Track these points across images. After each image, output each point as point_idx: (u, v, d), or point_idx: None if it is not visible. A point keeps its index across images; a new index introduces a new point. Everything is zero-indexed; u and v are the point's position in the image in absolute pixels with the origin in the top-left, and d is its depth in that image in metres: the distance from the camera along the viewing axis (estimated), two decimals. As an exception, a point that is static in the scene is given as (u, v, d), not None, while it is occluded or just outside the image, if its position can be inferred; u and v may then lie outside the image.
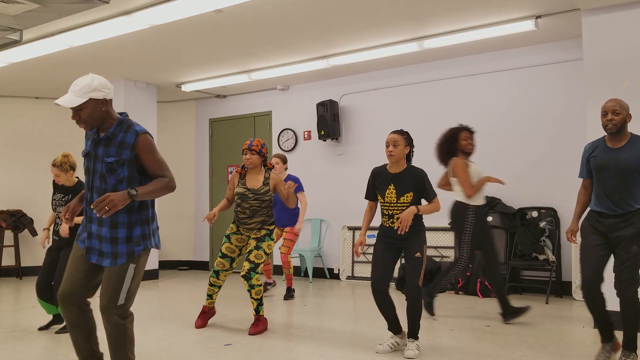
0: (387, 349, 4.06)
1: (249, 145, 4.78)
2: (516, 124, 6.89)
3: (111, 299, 2.80)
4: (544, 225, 6.40)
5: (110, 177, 2.81)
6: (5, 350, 4.26)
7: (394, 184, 4.01)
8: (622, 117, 3.56)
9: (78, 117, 2.81)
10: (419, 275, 3.92)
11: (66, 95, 2.81)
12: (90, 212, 2.90)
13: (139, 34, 6.03)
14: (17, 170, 9.07)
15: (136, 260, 2.87)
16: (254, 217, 4.76)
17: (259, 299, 4.69)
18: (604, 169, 3.62)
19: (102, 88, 2.84)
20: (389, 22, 5.94)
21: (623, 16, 4.77)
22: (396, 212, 3.99)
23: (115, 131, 2.85)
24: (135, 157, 2.84)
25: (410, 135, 4.11)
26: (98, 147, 2.87)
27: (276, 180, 4.78)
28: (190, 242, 9.89)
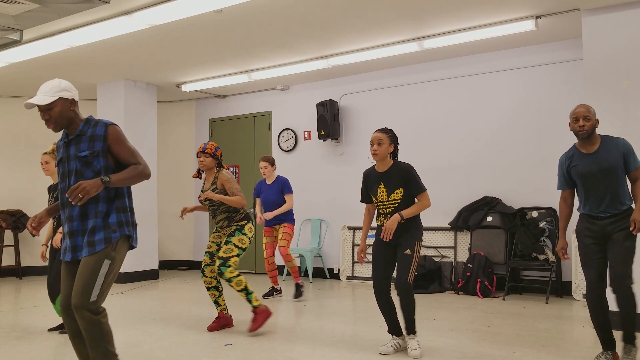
0: (390, 350, 4.05)
1: (202, 148, 4.80)
2: (516, 124, 6.89)
3: (83, 296, 2.78)
4: (544, 225, 6.40)
5: (86, 171, 2.88)
6: (5, 350, 4.26)
7: (383, 182, 4.05)
8: (592, 122, 3.65)
9: (48, 116, 2.90)
10: (408, 271, 3.93)
11: (36, 96, 2.90)
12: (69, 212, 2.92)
13: (139, 34, 6.03)
14: (17, 170, 9.07)
15: (111, 256, 2.86)
16: (216, 216, 4.83)
17: (244, 289, 4.64)
18: (589, 175, 3.67)
19: (70, 89, 2.96)
20: (389, 22, 5.94)
21: (623, 16, 4.78)
22: (389, 210, 4.02)
23: (84, 129, 2.95)
24: (108, 148, 2.92)
25: (394, 133, 4.12)
26: (70, 148, 2.95)
27: (223, 178, 4.76)
28: (190, 242, 9.89)
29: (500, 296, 6.40)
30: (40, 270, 8.95)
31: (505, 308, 5.78)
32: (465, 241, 7.10)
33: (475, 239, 6.85)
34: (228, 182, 4.75)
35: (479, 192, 7.06)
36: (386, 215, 4.05)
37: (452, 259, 7.13)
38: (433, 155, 7.39)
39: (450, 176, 7.31)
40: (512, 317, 5.31)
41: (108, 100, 8.40)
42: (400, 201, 4.00)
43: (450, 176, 7.31)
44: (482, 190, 7.05)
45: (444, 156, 7.36)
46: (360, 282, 7.81)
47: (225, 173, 4.80)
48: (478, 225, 6.84)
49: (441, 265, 7.06)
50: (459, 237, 7.18)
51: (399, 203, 4.00)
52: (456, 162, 7.28)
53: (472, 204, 7.03)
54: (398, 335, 4.14)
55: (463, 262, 6.85)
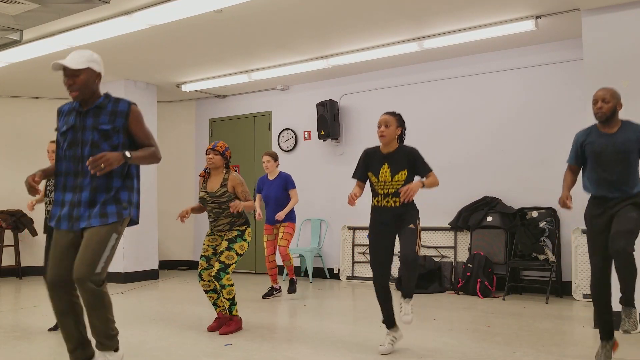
0: (389, 347, 4.04)
1: (212, 145, 4.76)
2: (516, 124, 6.89)
3: (90, 267, 2.77)
4: (544, 225, 6.40)
5: (103, 144, 2.90)
6: (5, 350, 4.26)
7: (388, 162, 4.02)
8: (612, 105, 3.62)
9: (73, 81, 2.91)
10: (415, 243, 3.86)
11: (67, 58, 2.92)
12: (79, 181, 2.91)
13: (139, 34, 6.03)
14: (17, 170, 9.06)
15: (119, 231, 2.91)
16: (218, 219, 4.77)
17: (231, 298, 4.67)
18: (602, 154, 3.65)
19: (100, 63, 3.02)
20: (389, 22, 5.94)
21: (623, 16, 4.77)
22: (391, 191, 3.97)
23: (104, 102, 2.98)
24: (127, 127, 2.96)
25: (402, 117, 4.11)
26: (86, 119, 2.95)
27: (234, 181, 4.70)
28: (190, 242, 9.89)
29: (500, 296, 6.40)
30: (40, 270, 8.91)
31: (505, 308, 5.78)
32: (465, 241, 7.10)
33: (475, 239, 6.85)
34: (241, 186, 4.70)
35: (479, 192, 7.06)
36: (386, 195, 3.99)
37: (452, 259, 7.13)
38: (433, 155, 7.33)
39: (450, 176, 7.30)
40: (512, 317, 5.31)
41: (108, 100, 8.39)
42: (403, 183, 3.95)
43: (450, 176, 7.30)
44: (482, 190, 7.05)
45: (444, 156, 7.35)
46: (360, 282, 7.80)
47: (237, 176, 4.75)
48: (478, 225, 6.84)
49: (441, 265, 7.06)
50: (459, 237, 7.18)
51: (402, 185, 3.95)
52: (456, 162, 7.28)
53: (472, 204, 7.03)
54: (391, 327, 4.11)
55: (463, 262, 6.85)
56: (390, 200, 3.98)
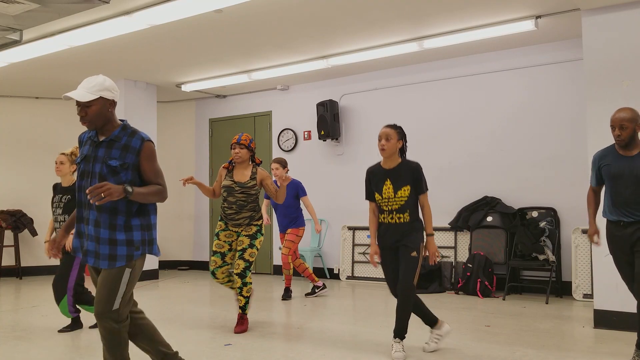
0: (433, 345, 4.08)
1: (237, 139, 4.76)
2: (516, 124, 6.89)
3: (107, 304, 2.78)
4: (544, 225, 6.40)
5: (111, 179, 2.80)
6: (5, 350, 4.26)
7: (390, 179, 3.98)
8: (631, 129, 3.58)
9: (85, 113, 2.82)
10: (414, 274, 3.87)
11: (77, 90, 2.83)
12: (86, 213, 2.86)
13: (139, 34, 6.03)
14: (17, 170, 9.07)
15: (132, 264, 2.84)
16: (240, 212, 4.71)
17: (248, 297, 4.75)
18: (620, 177, 3.63)
19: (113, 89, 2.89)
20: (389, 22, 5.94)
21: (623, 16, 4.77)
22: (395, 207, 3.94)
23: (120, 134, 2.87)
24: (138, 164, 2.87)
25: (403, 130, 4.06)
26: (99, 149, 2.86)
27: (263, 175, 4.75)
28: (190, 242, 9.89)
29: (500, 296, 6.40)
30: (40, 270, 8.96)
31: (505, 308, 5.78)
32: (465, 241, 7.10)
33: (475, 239, 6.85)
34: (269, 179, 4.77)
35: (479, 192, 7.06)
36: (390, 212, 3.96)
37: (452, 259, 7.13)
38: (433, 155, 7.39)
39: (450, 176, 7.31)
40: (512, 317, 5.31)
41: (108, 100, 8.39)
42: (407, 199, 3.92)
43: (450, 176, 7.31)
44: (482, 190, 7.05)
45: (444, 156, 7.36)
46: (360, 282, 7.80)
47: (264, 170, 4.80)
48: (478, 225, 6.84)
49: (441, 265, 7.06)
50: (459, 237, 7.18)
51: (406, 200, 3.92)
52: (456, 162, 7.28)
53: (472, 204, 7.03)
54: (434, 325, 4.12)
55: (463, 262, 6.85)
56: (394, 217, 3.95)
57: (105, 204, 2.79)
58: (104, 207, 2.80)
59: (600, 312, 4.75)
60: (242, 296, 4.73)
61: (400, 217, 3.94)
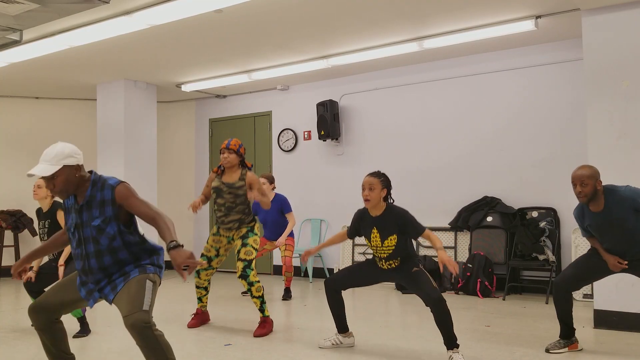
0: (328, 344, 4.17)
1: (227, 144, 4.76)
2: (516, 124, 6.89)
3: (134, 305, 2.68)
4: (544, 225, 6.40)
5: (101, 237, 2.82)
6: (5, 350, 4.26)
7: (377, 227, 3.93)
8: (591, 186, 3.70)
9: (52, 185, 2.79)
10: (431, 283, 3.77)
11: (38, 165, 2.78)
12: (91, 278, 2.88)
13: (139, 34, 6.02)
14: (17, 170, 9.06)
15: (152, 278, 2.83)
16: (229, 214, 4.72)
17: (260, 296, 4.63)
18: (605, 233, 3.81)
19: (74, 154, 2.83)
20: (389, 22, 5.94)
21: (623, 16, 4.77)
22: (384, 256, 3.94)
23: (93, 192, 2.85)
24: (119, 208, 2.85)
25: (387, 177, 3.97)
26: (82, 214, 2.87)
27: (252, 179, 4.73)
28: (190, 242, 9.88)
29: (500, 296, 6.40)
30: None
31: (505, 308, 5.78)
32: (465, 241, 7.10)
33: (475, 239, 6.85)
34: (259, 183, 4.76)
35: (479, 192, 7.06)
36: (380, 259, 4.00)
37: (452, 259, 7.12)
38: (433, 155, 7.39)
39: (450, 176, 7.31)
40: (512, 317, 5.31)
41: (108, 100, 8.40)
42: (394, 247, 3.89)
43: (450, 176, 7.31)
44: (482, 190, 7.05)
45: (444, 156, 7.36)
46: (360, 282, 7.80)
47: (253, 175, 4.79)
48: (478, 225, 6.84)
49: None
50: (459, 237, 7.18)
51: (394, 249, 3.89)
52: (456, 162, 7.28)
53: (472, 204, 7.03)
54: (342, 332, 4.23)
55: (463, 262, 6.85)
56: (384, 264, 4.00)
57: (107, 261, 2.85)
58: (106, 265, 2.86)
59: (600, 312, 4.75)
60: (255, 298, 4.65)
61: (392, 263, 3.97)
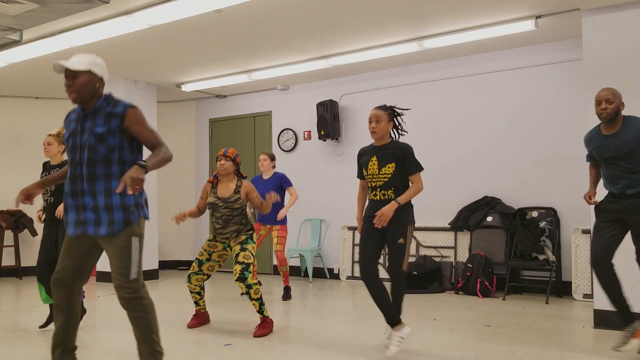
0: (395, 349, 3.88)
1: (224, 152, 4.79)
2: (516, 124, 6.89)
3: (124, 275, 2.81)
4: (544, 225, 6.40)
5: (100, 146, 2.86)
6: (5, 350, 4.26)
7: (377, 155, 3.98)
8: (616, 105, 3.72)
9: (71, 82, 2.88)
10: (402, 261, 3.88)
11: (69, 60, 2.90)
12: (79, 186, 2.89)
13: (139, 34, 6.03)
14: (17, 170, 9.06)
15: (137, 232, 2.89)
16: (227, 226, 4.76)
17: (259, 298, 4.62)
18: (607, 156, 3.76)
19: (102, 67, 2.97)
20: (389, 22, 5.94)
21: (623, 16, 4.77)
22: (379, 184, 3.94)
23: (102, 105, 2.94)
24: (126, 129, 2.91)
25: (394, 110, 4.04)
26: (85, 122, 2.92)
27: (248, 188, 4.75)
28: (190, 242, 9.89)
29: (500, 296, 6.40)
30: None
31: (505, 308, 5.78)
32: (465, 241, 7.10)
33: (475, 239, 6.85)
34: (254, 192, 4.78)
35: (479, 192, 7.06)
36: (374, 188, 3.97)
37: (452, 259, 7.13)
38: (433, 155, 7.39)
39: (450, 176, 7.31)
40: (512, 317, 5.31)
41: (108, 100, 8.40)
42: (390, 176, 3.90)
43: (450, 176, 7.31)
44: (482, 190, 7.05)
45: (444, 156, 7.36)
46: (360, 282, 7.80)
47: (249, 183, 4.81)
48: (478, 225, 6.84)
49: (441, 265, 7.06)
50: (459, 237, 7.18)
51: (390, 178, 3.91)
52: (456, 162, 7.28)
53: (472, 204, 7.03)
54: (395, 325, 3.97)
55: (463, 262, 6.85)
56: (378, 194, 3.96)
57: (98, 170, 2.85)
58: (97, 174, 2.86)
59: (600, 312, 4.75)
60: (253, 300, 4.64)
61: (385, 193, 3.93)
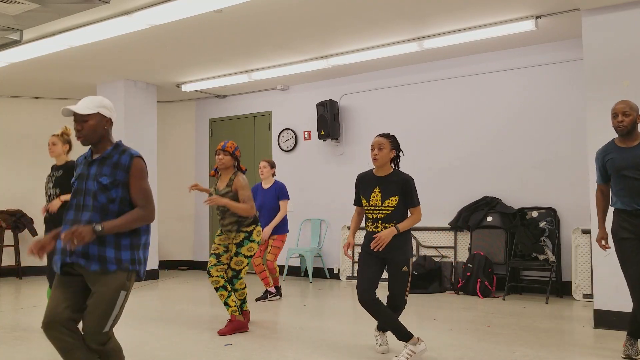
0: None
1: (222, 146, 4.77)
2: (516, 124, 6.89)
3: (98, 326, 2.75)
4: (544, 225, 6.40)
5: (101, 195, 2.81)
6: (5, 350, 4.26)
7: (380, 187, 3.93)
8: (632, 118, 3.66)
9: (81, 127, 2.87)
10: (405, 289, 3.94)
11: (77, 103, 2.89)
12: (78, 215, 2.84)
13: (139, 34, 6.02)
14: (17, 170, 9.07)
15: (126, 286, 2.82)
16: (225, 217, 4.78)
17: (242, 299, 4.90)
18: (625, 169, 3.68)
19: (110, 109, 2.95)
20: (389, 22, 5.94)
21: (623, 16, 4.77)
22: (380, 216, 3.89)
23: (112, 153, 2.90)
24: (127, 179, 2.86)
25: (396, 139, 4.00)
26: (91, 167, 2.89)
27: (237, 185, 4.71)
28: (190, 242, 9.89)
29: (500, 296, 6.40)
30: (40, 270, 8.93)
31: (505, 308, 5.78)
32: (465, 241, 7.10)
33: (475, 239, 6.85)
34: (242, 189, 4.70)
35: (479, 192, 7.06)
36: (375, 220, 3.92)
37: (452, 259, 7.13)
38: (433, 155, 7.39)
39: (450, 176, 7.31)
40: (512, 317, 5.31)
41: (108, 100, 8.40)
42: (393, 209, 3.87)
43: (450, 176, 7.31)
44: (482, 190, 7.05)
45: (444, 156, 7.36)
46: (360, 282, 7.80)
47: (242, 179, 4.74)
48: (478, 225, 6.84)
49: (441, 265, 7.06)
50: (459, 237, 7.18)
51: (392, 211, 3.87)
52: (456, 162, 7.28)
53: (472, 204, 7.03)
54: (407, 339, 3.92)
55: (463, 262, 6.85)
56: (379, 226, 3.90)
57: (97, 204, 2.79)
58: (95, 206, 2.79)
59: (600, 312, 4.75)
60: (237, 299, 4.87)
61: (386, 226, 3.87)
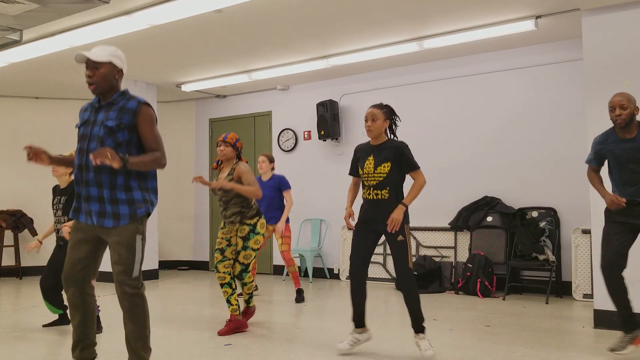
0: (347, 347, 4.00)
1: (223, 137, 4.75)
2: (516, 124, 6.89)
3: (127, 274, 2.89)
4: (544, 225, 6.40)
5: (108, 139, 2.91)
6: (5, 350, 4.26)
7: (373, 154, 3.97)
8: (630, 110, 3.68)
9: (92, 73, 2.96)
10: (407, 258, 3.85)
11: (91, 50, 3.00)
12: (85, 176, 2.94)
13: (139, 34, 6.03)
14: (17, 170, 9.07)
15: (141, 230, 2.95)
16: (227, 208, 4.73)
17: (250, 293, 4.97)
18: (624, 159, 3.71)
19: (122, 60, 3.08)
20: (389, 22, 5.94)
21: (623, 16, 4.77)
22: (373, 183, 3.92)
23: (118, 98, 3.00)
24: (135, 125, 2.96)
25: (390, 108, 4.04)
26: (99, 113, 2.99)
27: (239, 171, 4.66)
28: (190, 242, 9.89)
29: (500, 296, 6.40)
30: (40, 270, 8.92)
31: (505, 308, 5.78)
32: (465, 241, 7.10)
33: (475, 239, 6.85)
34: (245, 174, 4.65)
35: (479, 192, 7.06)
36: (368, 187, 3.95)
37: (452, 259, 7.13)
38: (433, 155, 7.39)
39: (450, 176, 7.31)
40: (512, 317, 5.31)
41: (108, 100, 8.40)
42: (385, 175, 3.89)
43: (450, 176, 7.31)
44: (482, 190, 7.05)
45: (444, 156, 7.36)
46: (360, 282, 7.79)
47: (243, 165, 4.72)
48: (478, 225, 6.84)
49: (441, 265, 7.06)
50: (459, 237, 7.18)
51: (384, 177, 3.89)
52: (456, 162, 7.28)
53: (472, 204, 7.03)
54: (359, 327, 4.07)
55: (463, 262, 6.85)
56: (372, 193, 3.93)
57: (104, 165, 2.86)
58: (103, 167, 2.89)
59: (600, 312, 4.75)
60: (245, 293, 4.95)
61: (378, 193, 3.90)
